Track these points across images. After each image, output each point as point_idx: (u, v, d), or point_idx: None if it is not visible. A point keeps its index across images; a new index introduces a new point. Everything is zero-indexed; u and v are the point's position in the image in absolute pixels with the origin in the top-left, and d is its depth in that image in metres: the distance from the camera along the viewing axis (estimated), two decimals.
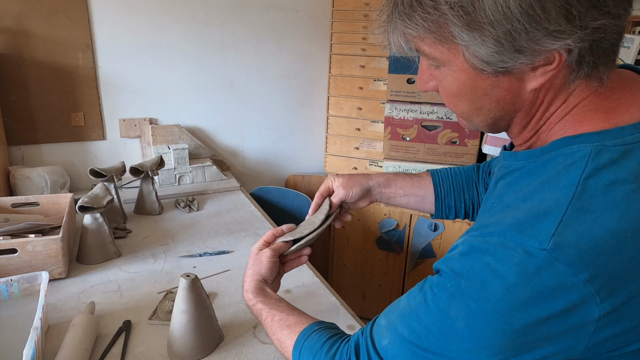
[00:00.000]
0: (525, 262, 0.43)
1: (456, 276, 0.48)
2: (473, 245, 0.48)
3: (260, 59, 2.18)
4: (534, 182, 0.49)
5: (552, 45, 0.44)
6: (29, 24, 1.71)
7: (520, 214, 0.46)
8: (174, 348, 0.88)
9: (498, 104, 0.52)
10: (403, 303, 0.56)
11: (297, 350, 0.65)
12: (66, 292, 1.11)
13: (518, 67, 0.47)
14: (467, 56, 0.48)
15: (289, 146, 2.39)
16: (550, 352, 0.46)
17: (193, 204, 1.70)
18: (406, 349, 0.52)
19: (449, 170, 0.91)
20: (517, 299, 0.44)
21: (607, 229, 0.43)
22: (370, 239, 2.20)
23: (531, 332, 0.45)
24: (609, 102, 0.49)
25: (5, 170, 1.68)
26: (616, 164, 0.45)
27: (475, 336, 0.46)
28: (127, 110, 1.97)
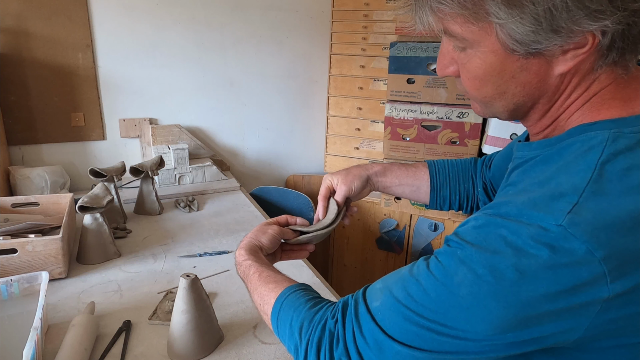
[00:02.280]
0: (540, 236, 0.43)
1: (468, 244, 0.48)
2: (487, 220, 0.48)
3: (260, 59, 2.18)
4: (550, 168, 0.49)
5: (589, 26, 0.43)
6: (29, 24, 1.71)
7: (536, 195, 0.46)
8: (174, 348, 0.88)
9: (523, 88, 0.51)
10: (403, 271, 0.55)
11: (279, 303, 0.63)
12: (66, 292, 1.11)
13: (550, 49, 0.46)
14: (501, 35, 0.47)
15: (289, 146, 2.39)
16: (548, 332, 0.46)
17: (193, 204, 1.70)
18: (398, 312, 0.50)
19: (446, 161, 0.90)
20: (528, 269, 0.43)
21: (623, 211, 0.43)
22: (370, 239, 2.20)
23: (535, 307, 0.44)
24: (627, 91, 0.50)
25: (5, 170, 1.68)
26: (633, 151, 0.45)
27: (477, 305, 0.45)
28: (127, 110, 1.97)
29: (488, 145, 1.78)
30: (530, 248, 0.44)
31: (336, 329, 0.55)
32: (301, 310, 0.60)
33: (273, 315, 0.64)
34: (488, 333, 0.46)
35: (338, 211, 0.85)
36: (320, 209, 0.87)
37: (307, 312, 0.59)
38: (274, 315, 0.63)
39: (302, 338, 0.57)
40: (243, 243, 0.80)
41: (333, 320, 0.56)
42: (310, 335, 0.57)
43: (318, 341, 0.56)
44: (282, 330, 0.62)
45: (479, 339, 0.47)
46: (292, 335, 0.59)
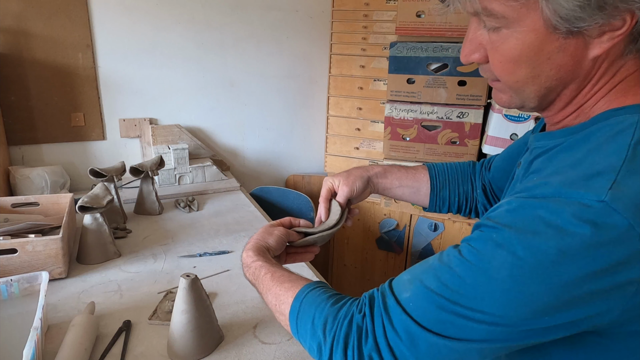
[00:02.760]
0: (581, 212, 0.43)
1: (504, 227, 0.47)
2: (522, 202, 0.48)
3: (260, 59, 2.18)
4: (580, 151, 0.49)
5: (633, 4, 0.44)
6: (29, 24, 1.71)
7: (571, 175, 0.46)
8: (174, 348, 0.88)
9: (558, 71, 0.51)
10: (431, 261, 0.53)
11: (298, 302, 0.60)
12: (66, 292, 1.11)
13: (591, 28, 0.46)
14: (545, 12, 0.46)
15: (289, 146, 2.40)
16: (584, 315, 0.45)
17: (193, 204, 1.70)
18: (432, 302, 0.49)
19: (445, 164, 0.91)
20: (570, 248, 0.43)
21: None
22: (370, 239, 2.20)
23: (577, 288, 0.43)
24: None
25: (5, 170, 1.68)
26: None
27: (517, 288, 0.44)
28: (127, 110, 1.97)
29: (488, 145, 1.78)
30: (572, 226, 0.43)
31: (364, 323, 0.53)
32: (324, 307, 0.57)
33: (292, 314, 0.61)
34: (526, 317, 0.45)
35: (341, 212, 0.85)
36: (323, 211, 0.86)
37: (331, 309, 0.57)
38: (292, 314, 0.61)
39: (327, 335, 0.55)
40: (249, 245, 0.78)
41: (360, 314, 0.54)
42: (335, 332, 0.54)
43: (345, 337, 0.53)
44: (302, 330, 0.59)
45: (516, 324, 0.46)
46: (315, 334, 0.56)
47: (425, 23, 1.82)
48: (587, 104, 0.53)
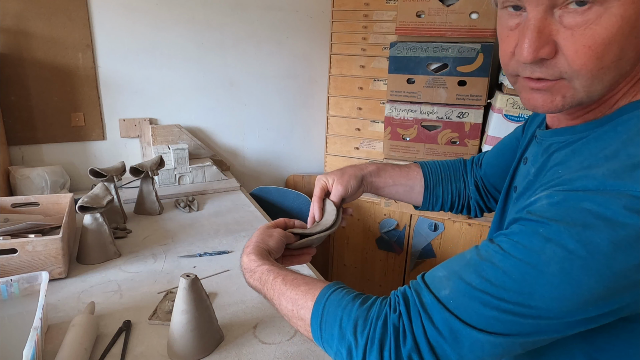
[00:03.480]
0: (632, 204, 0.42)
1: (551, 221, 0.46)
2: (565, 195, 0.46)
3: (260, 59, 2.18)
4: (613, 143, 0.48)
5: None
6: (29, 24, 1.71)
7: (613, 166, 0.45)
8: (174, 348, 0.88)
9: (637, 53, 0.47)
10: (468, 256, 0.52)
11: (321, 305, 0.57)
12: (66, 292, 1.11)
13: None
14: None
15: (289, 146, 2.40)
16: (626, 303, 0.45)
17: (193, 204, 1.70)
18: (475, 299, 0.48)
19: (437, 162, 0.91)
20: (622, 240, 0.43)
21: None
22: (370, 239, 2.20)
23: (626, 278, 0.43)
24: None
25: (5, 170, 1.68)
26: None
27: (568, 281, 0.44)
28: (127, 110, 1.97)
29: (488, 145, 1.78)
30: (623, 218, 0.43)
31: (400, 322, 0.51)
32: (351, 308, 0.55)
33: (314, 319, 0.57)
34: (574, 309, 0.45)
35: (337, 212, 0.83)
36: (317, 210, 0.84)
37: (360, 309, 0.54)
38: (315, 318, 0.57)
39: (359, 338, 0.52)
40: (250, 248, 0.74)
41: (395, 314, 0.52)
42: (369, 333, 0.52)
43: (380, 338, 0.51)
44: (327, 334, 0.56)
45: (562, 317, 0.46)
46: (344, 337, 0.53)
47: (425, 23, 1.82)
48: (613, 97, 0.51)
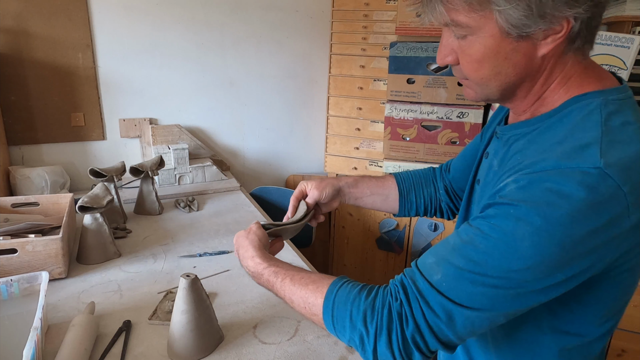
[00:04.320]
0: (585, 180, 0.51)
1: (520, 202, 0.54)
2: (529, 178, 0.55)
3: (260, 59, 2.18)
4: (561, 130, 0.58)
5: (567, 12, 0.54)
6: (29, 24, 1.71)
7: (564, 149, 0.55)
8: (174, 348, 0.88)
9: (514, 68, 0.60)
10: (452, 241, 0.59)
11: (330, 302, 0.64)
12: (66, 292, 1.11)
13: (536, 33, 0.56)
14: (499, 21, 0.56)
15: (289, 146, 2.40)
16: (585, 266, 0.54)
17: (193, 204, 1.70)
18: (464, 279, 0.55)
19: (409, 171, 1.00)
20: (579, 211, 0.51)
21: (633, 154, 0.54)
22: (370, 239, 2.20)
23: (583, 243, 0.52)
24: (595, 72, 0.62)
25: (5, 170, 1.68)
26: (619, 112, 0.57)
27: (538, 253, 0.52)
28: (127, 110, 1.97)
29: None
30: (577, 192, 0.51)
31: (402, 309, 0.58)
32: (358, 301, 0.61)
33: (326, 313, 0.64)
34: (543, 276, 0.53)
35: (307, 211, 0.90)
36: (290, 209, 0.92)
37: (366, 301, 0.61)
38: (327, 313, 0.64)
39: (369, 327, 0.59)
40: (249, 252, 0.78)
41: (397, 302, 0.59)
42: (377, 322, 0.59)
43: (388, 325, 0.58)
44: (339, 326, 0.63)
45: (536, 283, 0.54)
46: (355, 327, 0.60)
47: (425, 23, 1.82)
48: (546, 94, 0.63)
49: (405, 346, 0.58)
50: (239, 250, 0.82)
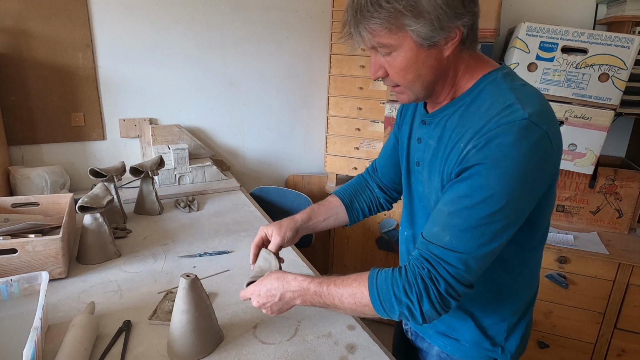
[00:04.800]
0: (520, 129, 0.69)
1: (485, 161, 0.70)
2: (484, 139, 0.71)
3: (260, 59, 2.18)
4: (485, 101, 0.75)
5: (457, 23, 0.72)
6: (29, 24, 1.71)
7: (496, 111, 0.72)
8: (174, 348, 0.88)
9: (431, 70, 0.77)
10: (445, 209, 0.74)
11: (374, 289, 0.77)
12: (66, 292, 1.11)
13: (440, 41, 0.73)
14: (413, 37, 0.73)
15: (289, 146, 2.40)
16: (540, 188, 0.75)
17: (193, 204, 1.70)
18: (467, 232, 0.72)
19: (344, 185, 1.13)
20: (525, 154, 0.69)
21: (539, 104, 0.73)
22: (370, 239, 2.20)
23: (534, 174, 0.71)
24: (484, 59, 0.82)
25: (5, 170, 1.68)
26: (514, 79, 0.78)
27: (509, 192, 0.70)
28: (127, 110, 1.97)
29: None
30: (518, 140, 0.69)
31: (431, 274, 0.73)
32: (394, 281, 0.76)
33: (374, 300, 0.77)
34: (521, 205, 0.72)
35: (276, 259, 0.97)
36: (251, 256, 1.00)
37: (401, 279, 0.75)
38: (374, 300, 0.77)
39: (411, 297, 0.74)
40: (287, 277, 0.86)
41: (425, 270, 0.74)
42: (416, 291, 0.74)
43: (425, 290, 0.73)
44: (388, 306, 0.76)
45: (519, 212, 0.73)
46: (401, 302, 0.74)
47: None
48: (457, 81, 0.81)
49: (444, 300, 0.73)
50: (272, 282, 0.86)
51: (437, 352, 0.97)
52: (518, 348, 0.92)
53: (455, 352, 0.93)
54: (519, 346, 0.92)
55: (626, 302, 1.75)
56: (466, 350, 0.92)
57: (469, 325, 0.91)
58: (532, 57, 1.70)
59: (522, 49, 1.70)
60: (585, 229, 1.92)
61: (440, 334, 0.95)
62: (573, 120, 1.72)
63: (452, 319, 0.92)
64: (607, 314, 1.78)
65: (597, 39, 1.63)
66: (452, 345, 0.94)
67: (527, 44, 1.70)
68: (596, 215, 1.91)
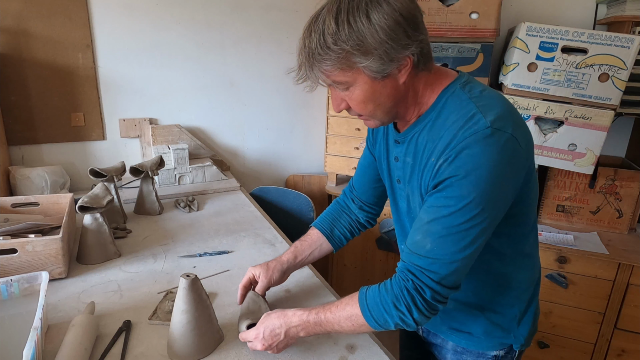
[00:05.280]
0: (486, 138, 0.72)
1: (458, 172, 0.74)
2: (454, 152, 0.74)
3: (260, 59, 2.18)
4: (449, 114, 0.79)
5: (406, 53, 0.75)
6: (29, 24, 1.71)
7: (459, 125, 0.75)
8: (174, 348, 0.88)
9: (389, 98, 0.80)
10: (425, 217, 0.78)
11: (365, 308, 0.81)
12: (66, 292, 1.11)
13: (393, 71, 0.77)
14: (366, 72, 0.76)
15: (289, 146, 2.40)
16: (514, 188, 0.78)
17: (193, 204, 1.70)
18: (448, 238, 0.75)
19: (323, 214, 1.15)
20: (494, 160, 0.72)
21: (500, 108, 0.76)
22: (370, 239, 2.20)
23: (507, 176, 0.75)
24: (442, 73, 0.84)
25: (5, 170, 1.68)
26: (473, 87, 0.81)
27: (484, 197, 0.73)
28: (127, 110, 1.97)
29: None
30: (486, 148, 0.72)
31: (416, 285, 0.77)
32: (384, 296, 0.80)
33: (368, 319, 0.81)
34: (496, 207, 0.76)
35: (264, 302, 0.99)
36: (239, 297, 1.03)
37: (389, 293, 0.79)
38: (369, 319, 0.81)
39: (401, 309, 0.77)
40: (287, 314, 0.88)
41: (410, 282, 0.78)
42: (404, 302, 0.77)
43: (413, 301, 0.77)
44: (382, 321, 0.80)
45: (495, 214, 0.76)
46: (392, 315, 0.78)
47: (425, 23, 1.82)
48: (420, 100, 0.84)
49: (431, 306, 0.77)
50: (274, 321, 0.88)
51: (452, 347, 1.00)
52: (530, 329, 0.96)
53: (470, 345, 0.97)
54: (531, 328, 0.97)
55: (626, 302, 1.75)
56: (480, 342, 0.96)
57: (479, 320, 0.94)
58: (532, 57, 1.70)
59: (522, 49, 1.70)
60: (585, 229, 1.92)
61: (452, 330, 0.99)
62: (573, 120, 1.72)
63: (463, 315, 0.96)
64: (607, 314, 1.78)
65: (597, 39, 1.63)
66: (466, 338, 0.97)
67: (527, 44, 1.70)
68: (596, 215, 1.90)
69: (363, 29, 0.72)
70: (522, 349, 0.97)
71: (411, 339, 1.14)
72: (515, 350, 0.96)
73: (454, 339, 0.99)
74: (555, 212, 1.94)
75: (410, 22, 0.74)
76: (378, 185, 1.07)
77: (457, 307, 0.95)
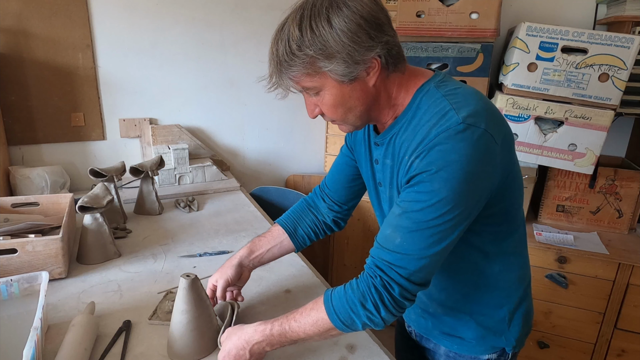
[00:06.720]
0: (458, 134, 0.71)
1: (429, 167, 0.73)
2: (426, 149, 0.73)
3: (260, 59, 2.18)
4: (423, 113, 0.78)
5: (371, 54, 0.75)
6: (29, 24, 1.71)
7: (434, 122, 0.75)
8: (174, 348, 0.88)
9: (359, 101, 0.80)
10: (396, 211, 0.77)
11: (332, 311, 0.78)
12: (66, 292, 1.11)
13: (360, 74, 0.76)
14: (333, 76, 0.76)
15: (289, 146, 2.40)
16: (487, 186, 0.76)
17: (193, 204, 1.70)
18: (417, 233, 0.74)
19: (288, 211, 1.12)
20: (466, 155, 0.71)
21: (473, 104, 0.75)
22: (370, 239, 2.20)
23: (479, 172, 0.73)
24: (416, 72, 0.83)
25: (5, 170, 1.68)
26: (446, 85, 0.80)
27: (455, 194, 0.72)
28: (127, 110, 1.97)
29: None
30: (458, 144, 0.71)
31: (384, 281, 0.75)
32: (350, 296, 0.77)
33: (335, 322, 0.78)
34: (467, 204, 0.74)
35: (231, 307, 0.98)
36: None
37: (355, 293, 0.77)
38: (336, 322, 0.78)
39: (369, 308, 0.75)
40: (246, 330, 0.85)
41: (377, 278, 0.76)
42: (371, 300, 0.75)
43: (380, 299, 0.75)
44: (349, 322, 0.78)
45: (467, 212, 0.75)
46: (360, 315, 0.76)
47: (425, 23, 1.82)
48: (394, 102, 0.83)
49: (398, 304, 0.75)
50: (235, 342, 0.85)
51: (444, 352, 0.99)
52: (522, 330, 0.94)
53: (462, 350, 0.96)
54: (523, 329, 0.95)
55: (626, 302, 1.75)
56: (472, 346, 0.94)
57: (469, 324, 0.93)
58: (532, 57, 1.70)
59: (522, 49, 1.70)
60: (585, 229, 1.92)
61: (445, 334, 0.97)
62: (573, 120, 1.72)
63: (453, 320, 0.94)
64: (607, 314, 1.78)
65: (597, 39, 1.63)
66: (457, 343, 0.96)
67: (527, 44, 1.70)
68: (596, 215, 1.90)
69: (325, 34, 0.73)
70: (515, 350, 0.95)
71: (403, 344, 1.13)
72: (508, 352, 0.95)
73: (446, 344, 0.98)
74: (555, 212, 1.94)
75: (372, 24, 0.74)
76: (352, 184, 1.05)
77: (446, 312, 0.94)
